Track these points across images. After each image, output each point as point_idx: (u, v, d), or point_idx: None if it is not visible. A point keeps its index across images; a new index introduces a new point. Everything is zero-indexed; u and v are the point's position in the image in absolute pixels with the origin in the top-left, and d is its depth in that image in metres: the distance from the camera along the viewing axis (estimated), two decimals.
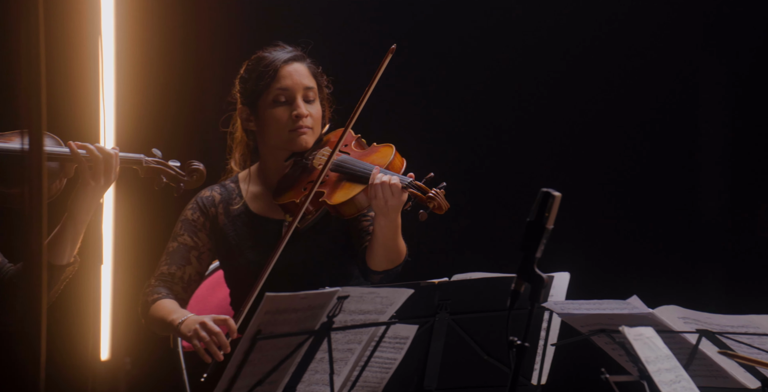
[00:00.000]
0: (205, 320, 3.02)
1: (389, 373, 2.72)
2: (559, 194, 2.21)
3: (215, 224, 3.28)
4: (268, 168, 3.31)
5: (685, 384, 2.32)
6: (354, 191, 3.12)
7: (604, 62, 4.16)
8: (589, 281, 3.23)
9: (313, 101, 3.27)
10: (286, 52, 3.28)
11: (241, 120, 3.30)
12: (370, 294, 2.56)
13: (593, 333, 2.53)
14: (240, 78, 3.31)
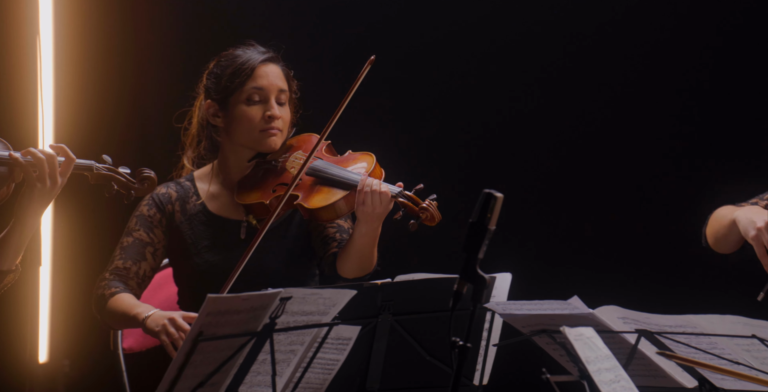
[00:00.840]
0: (174, 316, 3.01)
1: (332, 374, 2.72)
2: (501, 195, 2.23)
3: (171, 221, 3.26)
4: (230, 167, 3.29)
5: (625, 384, 2.35)
6: (335, 197, 3.13)
7: (543, 64, 4.19)
8: (531, 282, 3.25)
9: (284, 104, 3.28)
10: (262, 53, 3.28)
11: (208, 115, 3.28)
12: (313, 295, 2.56)
13: (534, 333, 2.55)
14: (210, 73, 3.29)
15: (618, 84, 4.16)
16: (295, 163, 3.24)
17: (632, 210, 4.17)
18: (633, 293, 3.70)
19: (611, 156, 4.19)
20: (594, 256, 4.17)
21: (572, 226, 4.20)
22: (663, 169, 4.15)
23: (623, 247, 4.15)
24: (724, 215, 2.95)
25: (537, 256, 4.15)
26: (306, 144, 3.30)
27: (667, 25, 4.12)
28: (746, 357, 2.44)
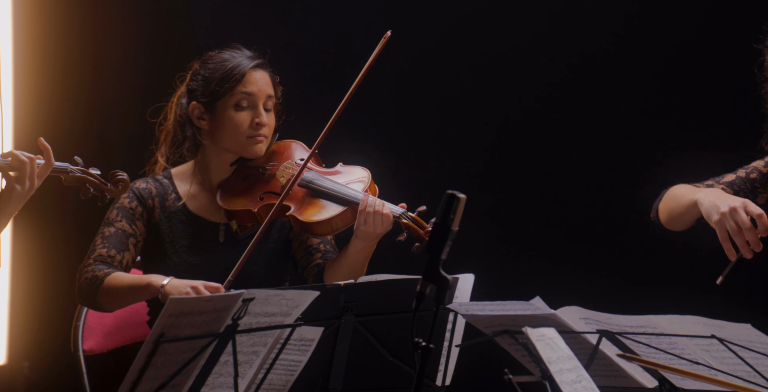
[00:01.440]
0: (196, 284, 2.99)
1: (294, 375, 2.71)
2: (464, 196, 2.23)
3: (152, 217, 3.23)
4: (210, 168, 3.28)
5: (586, 384, 2.36)
6: (331, 212, 3.14)
7: (500, 65, 4.21)
8: (493, 283, 3.26)
9: (270, 110, 3.27)
10: (251, 58, 3.27)
11: (192, 117, 3.26)
12: (276, 296, 2.55)
13: (497, 334, 2.55)
14: (196, 74, 3.27)
15: (574, 84, 4.18)
16: (285, 172, 3.24)
17: (594, 211, 4.19)
18: (595, 293, 3.72)
19: (574, 157, 4.21)
20: (556, 257, 4.19)
21: (534, 227, 4.22)
22: (626, 169, 4.18)
23: (585, 248, 4.18)
24: (683, 195, 2.96)
25: (499, 257, 4.17)
26: (288, 151, 3.30)
27: (619, 19, 4.15)
28: (706, 357, 2.46)
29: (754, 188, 2.99)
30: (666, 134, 4.13)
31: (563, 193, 4.21)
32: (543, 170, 4.22)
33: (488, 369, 3.12)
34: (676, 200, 2.97)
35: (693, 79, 4.13)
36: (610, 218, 4.17)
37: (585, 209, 4.19)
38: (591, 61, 4.16)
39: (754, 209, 2.78)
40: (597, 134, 4.18)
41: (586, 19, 4.15)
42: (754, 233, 2.76)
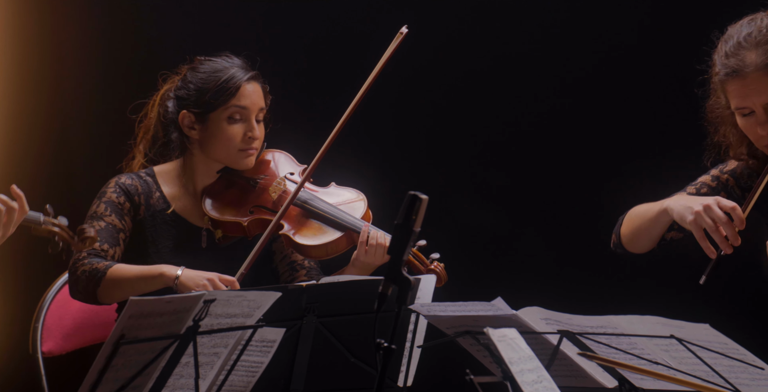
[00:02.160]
0: (212, 277, 2.98)
1: (256, 377, 2.71)
2: (426, 197, 2.24)
3: (137, 213, 3.21)
4: (196, 174, 3.27)
5: (547, 384, 2.37)
6: (328, 237, 3.15)
7: (469, 70, 4.23)
8: (455, 284, 3.27)
9: (261, 121, 3.27)
10: (245, 70, 3.25)
11: (182, 125, 3.24)
12: (238, 297, 2.55)
13: (458, 334, 2.56)
14: (187, 82, 3.24)
15: (536, 85, 4.20)
16: (277, 188, 3.24)
17: (555, 212, 4.22)
18: (556, 294, 3.73)
19: (534, 157, 4.23)
20: (517, 257, 4.20)
21: (496, 227, 4.24)
22: (585, 170, 4.21)
23: (546, 248, 4.20)
24: (647, 210, 2.99)
25: (461, 257, 4.18)
26: (276, 162, 3.31)
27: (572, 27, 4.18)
28: (665, 357, 2.48)
29: None
30: (630, 137, 4.17)
31: (525, 194, 4.23)
32: (506, 170, 4.24)
33: (450, 370, 3.13)
34: (640, 216, 3.00)
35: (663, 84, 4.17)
36: (572, 219, 4.20)
37: (547, 211, 4.21)
38: (568, 70, 4.18)
39: (727, 203, 2.80)
40: (561, 137, 4.21)
41: (572, 27, 4.17)
42: (732, 227, 2.78)
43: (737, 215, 2.78)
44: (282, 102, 3.42)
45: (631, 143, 4.16)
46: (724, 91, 2.91)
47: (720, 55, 2.90)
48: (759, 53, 2.84)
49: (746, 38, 2.87)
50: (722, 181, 3.03)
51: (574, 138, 4.21)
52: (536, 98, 4.19)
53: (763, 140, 2.87)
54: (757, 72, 2.84)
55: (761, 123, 2.86)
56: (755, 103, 2.85)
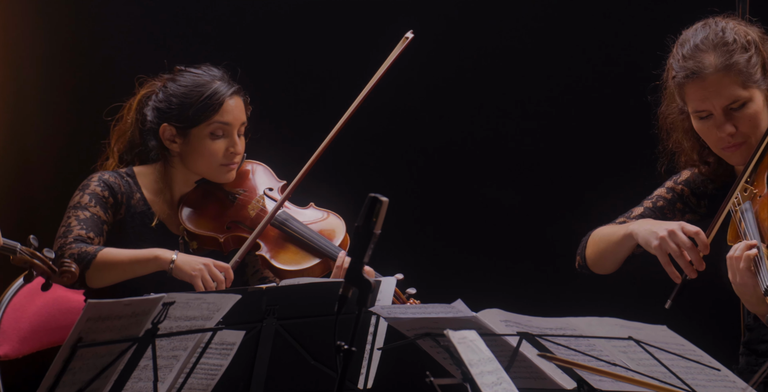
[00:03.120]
0: (209, 262, 2.99)
1: (215, 379, 2.70)
2: (386, 199, 2.24)
3: (118, 212, 3.19)
4: (174, 182, 3.26)
5: (506, 386, 2.38)
6: (307, 263, 3.16)
7: (430, 74, 4.24)
8: (415, 286, 3.28)
9: (242, 135, 3.27)
10: (227, 84, 3.24)
11: (163, 138, 3.22)
12: (197, 299, 2.54)
13: (419, 336, 2.56)
14: (169, 95, 3.22)
15: (495, 86, 4.22)
16: (256, 206, 3.24)
17: (514, 214, 4.24)
18: (515, 296, 3.75)
19: (494, 160, 4.25)
20: (477, 260, 4.22)
21: (456, 230, 4.25)
22: (544, 174, 4.23)
23: (506, 251, 4.22)
24: (611, 233, 3.00)
25: (421, 260, 4.19)
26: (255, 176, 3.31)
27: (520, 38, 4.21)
28: (623, 359, 2.49)
29: (664, 215, 3.05)
30: (586, 138, 4.20)
31: (485, 197, 4.24)
32: (467, 172, 4.25)
33: (410, 372, 3.13)
34: (605, 240, 3.02)
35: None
36: (531, 221, 4.22)
37: (506, 213, 4.23)
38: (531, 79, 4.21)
39: (691, 228, 2.82)
40: (520, 139, 4.23)
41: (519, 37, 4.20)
42: (696, 252, 2.80)
43: (701, 239, 2.81)
44: (263, 112, 3.42)
45: (592, 154, 4.19)
46: (682, 94, 2.93)
47: (677, 58, 2.92)
48: (717, 55, 2.87)
49: (703, 41, 2.89)
50: (677, 192, 3.06)
51: (532, 140, 4.24)
52: (507, 114, 4.22)
53: (720, 142, 2.90)
54: (717, 73, 2.86)
55: (719, 125, 2.88)
56: (714, 105, 2.88)
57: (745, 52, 2.87)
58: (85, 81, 4.08)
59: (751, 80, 2.86)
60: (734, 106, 2.86)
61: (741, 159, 2.89)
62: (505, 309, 2.51)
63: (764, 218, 2.76)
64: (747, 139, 2.87)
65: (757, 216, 2.77)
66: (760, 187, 2.83)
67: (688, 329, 2.55)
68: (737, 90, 2.85)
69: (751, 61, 2.86)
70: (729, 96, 2.85)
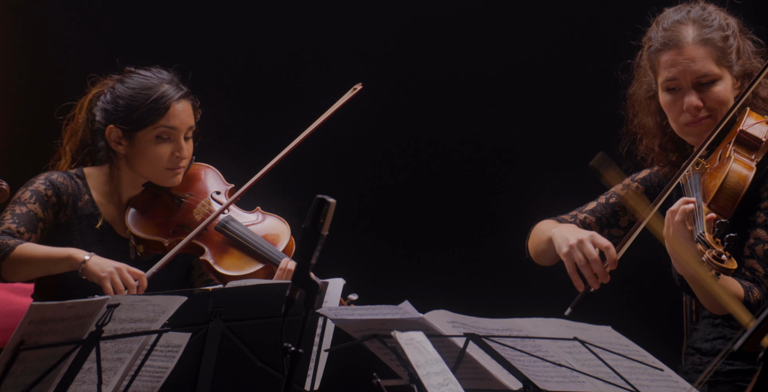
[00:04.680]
0: (121, 266, 2.96)
1: (160, 382, 2.68)
2: (333, 200, 2.24)
3: (63, 214, 3.16)
4: (122, 185, 3.24)
5: (453, 387, 2.38)
6: (250, 268, 3.14)
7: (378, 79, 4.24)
8: (363, 287, 3.28)
9: (189, 138, 3.24)
10: (176, 88, 3.21)
11: (109, 139, 3.20)
12: (142, 302, 2.52)
13: (366, 338, 2.56)
14: (116, 96, 3.19)
15: (439, 87, 4.24)
16: (202, 210, 3.21)
17: (461, 216, 4.25)
18: (462, 297, 3.77)
19: (441, 161, 4.27)
20: (424, 261, 4.23)
21: (403, 231, 4.26)
22: (493, 173, 4.25)
23: (453, 252, 4.23)
24: (544, 231, 3.05)
25: (369, 261, 4.19)
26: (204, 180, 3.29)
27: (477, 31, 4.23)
28: (568, 359, 2.51)
29: (614, 212, 3.09)
30: (534, 137, 4.23)
31: (431, 198, 4.25)
32: (415, 175, 4.26)
33: (357, 374, 3.13)
34: (539, 236, 3.07)
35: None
36: (477, 223, 4.24)
37: (452, 215, 4.25)
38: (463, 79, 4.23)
39: (602, 242, 2.87)
40: (463, 142, 4.25)
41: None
42: (601, 265, 2.85)
43: (610, 254, 2.87)
44: (215, 115, 3.40)
45: (540, 152, 4.22)
46: (655, 64, 2.96)
47: (656, 30, 2.97)
48: (695, 28, 2.92)
49: (685, 16, 2.96)
50: (632, 189, 3.09)
51: (480, 143, 4.26)
52: (454, 114, 4.23)
53: (684, 117, 2.93)
54: (693, 45, 2.91)
55: (686, 96, 2.91)
56: (686, 75, 2.90)
57: (723, 32, 2.93)
58: (37, 80, 4.04)
59: (725, 59, 2.92)
60: (704, 80, 2.91)
61: (700, 139, 2.94)
62: (452, 310, 2.52)
63: (708, 184, 2.83)
64: (711, 114, 2.92)
65: (703, 182, 2.84)
66: (712, 162, 2.89)
67: (633, 329, 2.58)
68: (710, 64, 2.90)
69: (727, 41, 2.93)
70: (701, 68, 2.90)
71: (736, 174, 2.80)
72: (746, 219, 2.84)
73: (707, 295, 2.74)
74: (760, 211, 2.83)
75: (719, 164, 2.86)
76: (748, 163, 2.83)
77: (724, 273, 2.61)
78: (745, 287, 2.75)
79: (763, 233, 2.80)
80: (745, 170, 2.81)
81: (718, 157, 2.89)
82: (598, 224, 3.08)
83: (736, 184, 2.79)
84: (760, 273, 2.77)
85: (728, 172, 2.79)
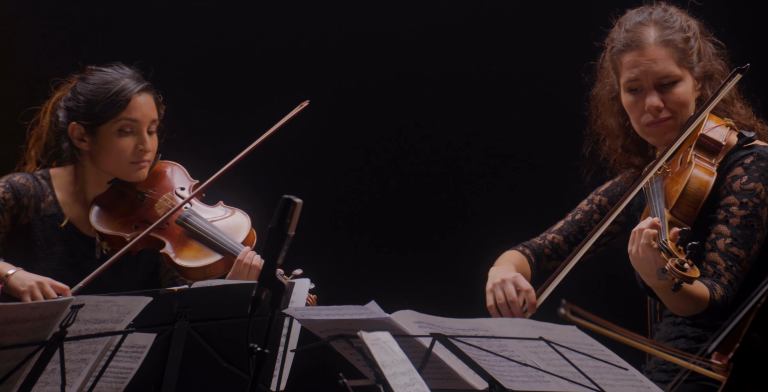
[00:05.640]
0: (43, 280, 2.93)
1: (125, 383, 2.66)
2: (300, 200, 2.24)
3: (24, 216, 3.13)
4: (87, 184, 3.22)
5: (419, 387, 2.39)
6: (207, 261, 3.13)
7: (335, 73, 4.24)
8: (329, 288, 3.28)
9: (153, 132, 3.23)
10: (136, 81, 3.20)
11: (72, 137, 3.18)
12: (107, 302, 2.50)
13: (332, 338, 2.56)
14: (76, 93, 3.18)
15: (408, 88, 4.25)
16: (164, 204, 3.20)
17: (429, 217, 4.26)
18: (429, 297, 3.78)
19: (408, 163, 4.27)
20: (391, 261, 4.23)
21: (370, 232, 4.26)
22: (458, 177, 4.27)
23: (420, 253, 4.24)
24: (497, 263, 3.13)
25: (336, 262, 4.19)
26: (169, 177, 3.29)
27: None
28: (534, 359, 2.52)
29: (581, 228, 3.13)
30: (499, 137, 4.24)
31: (398, 198, 4.26)
32: (382, 176, 4.27)
33: (323, 374, 3.13)
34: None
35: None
36: (444, 223, 4.25)
37: (420, 215, 4.26)
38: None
39: (523, 285, 2.95)
40: (431, 142, 4.26)
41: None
42: (517, 307, 2.94)
43: (529, 298, 2.94)
44: (179, 112, 3.39)
45: (503, 153, 4.24)
46: (618, 65, 2.99)
47: (618, 31, 3.01)
48: (657, 29, 2.96)
49: (647, 18, 2.99)
50: (596, 203, 3.14)
51: (445, 146, 4.27)
52: (420, 115, 4.24)
53: (646, 117, 2.96)
54: (655, 46, 2.94)
55: (648, 96, 2.93)
56: (648, 75, 2.94)
57: (684, 34, 2.96)
58: (0, 85, 4.02)
59: (686, 61, 2.95)
60: (665, 81, 2.94)
61: (661, 139, 2.96)
62: (419, 310, 2.53)
63: (670, 189, 2.86)
64: (672, 115, 2.94)
65: (665, 187, 2.87)
66: (674, 166, 2.93)
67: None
68: (671, 65, 2.94)
69: (689, 42, 2.97)
70: (663, 69, 2.93)
71: (698, 180, 2.84)
72: (707, 218, 2.87)
73: (671, 301, 2.77)
74: (720, 208, 2.86)
75: (681, 169, 2.89)
76: (709, 168, 2.87)
77: (687, 282, 2.63)
78: (709, 286, 2.78)
79: (724, 228, 2.84)
80: (706, 176, 2.85)
81: (679, 161, 2.92)
82: (566, 242, 3.12)
83: (698, 190, 2.83)
84: (721, 266, 2.81)
85: (690, 178, 2.83)
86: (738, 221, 2.83)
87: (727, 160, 2.90)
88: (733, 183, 2.86)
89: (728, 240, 2.82)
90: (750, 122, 2.98)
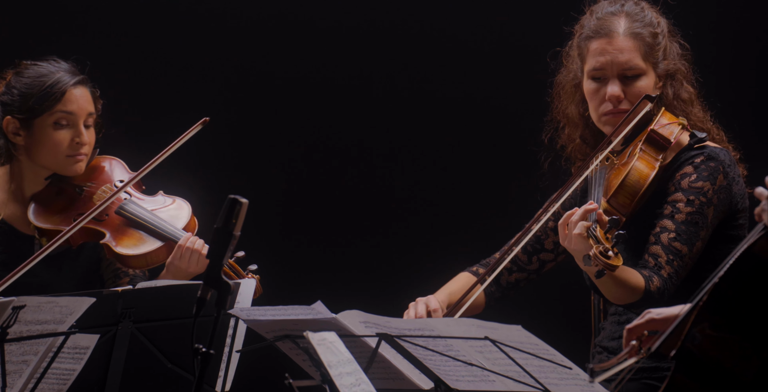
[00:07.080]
0: None
1: (67, 385, 2.64)
2: (246, 200, 2.23)
3: None
4: (24, 181, 3.18)
5: (365, 387, 2.39)
6: (148, 247, 3.10)
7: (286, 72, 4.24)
8: (275, 288, 3.27)
9: (90, 126, 3.19)
10: (72, 74, 3.16)
11: (6, 131, 3.14)
12: (49, 303, 2.47)
13: (278, 338, 2.55)
14: (10, 87, 3.15)
15: (338, 88, 4.26)
16: (102, 196, 3.18)
17: (376, 217, 4.27)
18: (375, 297, 3.79)
19: (355, 159, 4.28)
20: (337, 261, 4.23)
21: (316, 231, 4.25)
22: (406, 171, 4.28)
23: (366, 252, 4.25)
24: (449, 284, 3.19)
25: (281, 262, 4.18)
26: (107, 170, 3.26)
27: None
28: (479, 359, 2.53)
29: (537, 237, 3.17)
30: (456, 136, 4.26)
31: (349, 198, 4.26)
32: (330, 174, 4.26)
33: (269, 374, 3.12)
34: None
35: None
36: (389, 223, 4.26)
37: (364, 215, 4.26)
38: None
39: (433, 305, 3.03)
40: (373, 140, 4.27)
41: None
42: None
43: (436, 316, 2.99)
44: (116, 107, 3.36)
45: (457, 152, 4.26)
46: (584, 51, 3.02)
47: (589, 19, 3.04)
48: (628, 21, 3.00)
49: (619, 8, 3.03)
50: (551, 211, 3.15)
51: (388, 143, 4.28)
52: (372, 113, 4.24)
53: (605, 106, 2.98)
54: (624, 36, 2.98)
55: (609, 84, 2.97)
56: (612, 64, 2.97)
57: (653, 29, 3.00)
58: None
59: (651, 56, 2.99)
60: (629, 73, 2.98)
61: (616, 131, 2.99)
62: (365, 310, 2.53)
63: (612, 180, 2.91)
64: (630, 108, 2.97)
65: (607, 178, 2.92)
66: (622, 158, 2.97)
67: (543, 328, 2.62)
68: (637, 58, 2.97)
69: (656, 38, 3.01)
70: (628, 60, 2.97)
71: (637, 172, 2.88)
72: (653, 212, 2.91)
73: (603, 287, 2.81)
74: (667, 203, 2.91)
75: (626, 161, 2.92)
76: (652, 162, 2.91)
77: (609, 269, 2.67)
78: (645, 277, 2.82)
79: (669, 223, 2.88)
80: (646, 169, 2.89)
81: (627, 154, 2.96)
82: (525, 253, 3.14)
83: (636, 182, 2.87)
84: (662, 259, 2.86)
85: (630, 170, 2.87)
86: (683, 217, 2.87)
87: (678, 158, 2.95)
88: (682, 180, 2.91)
89: (672, 235, 2.87)
90: (706, 125, 3.03)
